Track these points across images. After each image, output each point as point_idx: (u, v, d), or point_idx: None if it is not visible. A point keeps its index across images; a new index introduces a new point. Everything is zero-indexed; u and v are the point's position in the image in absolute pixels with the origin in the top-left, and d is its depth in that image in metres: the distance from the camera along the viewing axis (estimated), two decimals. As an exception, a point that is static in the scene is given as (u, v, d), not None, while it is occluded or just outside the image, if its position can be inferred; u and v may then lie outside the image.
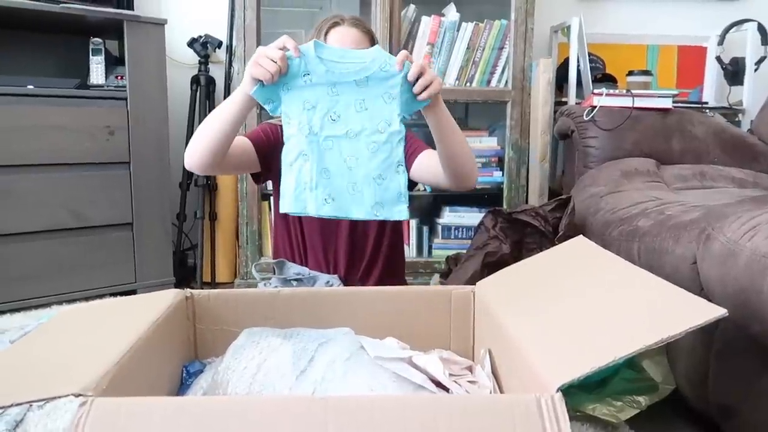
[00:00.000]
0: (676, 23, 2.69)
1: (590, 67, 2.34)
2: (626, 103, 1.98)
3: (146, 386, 0.78)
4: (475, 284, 1.03)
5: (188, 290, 0.98)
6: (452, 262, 1.82)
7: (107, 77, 2.05)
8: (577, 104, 2.24)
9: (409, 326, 1.00)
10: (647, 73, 2.33)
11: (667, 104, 2.03)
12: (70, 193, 1.97)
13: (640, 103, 1.98)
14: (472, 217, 2.26)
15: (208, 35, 2.35)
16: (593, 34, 2.49)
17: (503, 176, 2.28)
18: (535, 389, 0.63)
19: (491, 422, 0.56)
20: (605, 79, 2.40)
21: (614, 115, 1.95)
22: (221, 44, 2.39)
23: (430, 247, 2.35)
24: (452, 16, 2.18)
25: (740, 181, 1.88)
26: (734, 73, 2.48)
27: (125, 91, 2.01)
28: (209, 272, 2.33)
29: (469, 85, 2.24)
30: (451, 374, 0.86)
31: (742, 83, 2.48)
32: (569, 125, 2.03)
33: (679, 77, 2.69)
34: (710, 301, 0.73)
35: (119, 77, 2.05)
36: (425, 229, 2.35)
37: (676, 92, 2.18)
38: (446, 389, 0.82)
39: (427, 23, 2.18)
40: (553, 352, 0.70)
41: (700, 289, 1.08)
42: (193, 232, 2.38)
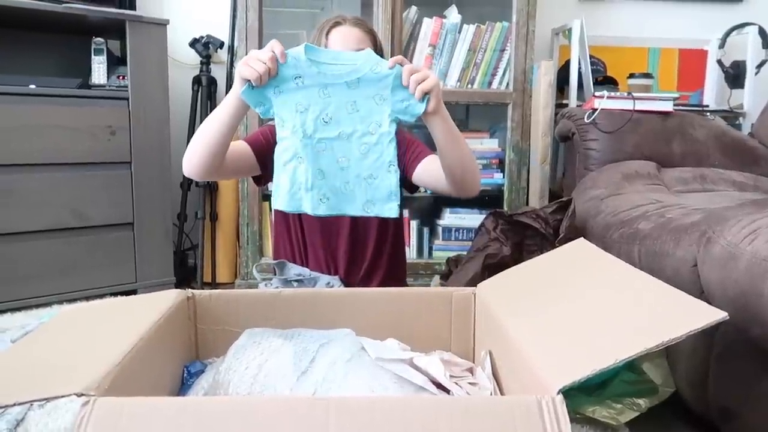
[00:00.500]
0: (677, 26, 2.70)
1: (591, 69, 2.34)
2: (627, 105, 1.98)
3: (147, 386, 0.78)
4: (475, 286, 1.03)
5: (189, 290, 0.99)
6: (453, 263, 1.82)
7: (109, 77, 2.06)
8: (578, 107, 2.23)
9: (409, 327, 1.00)
10: (648, 75, 2.33)
11: (667, 107, 2.03)
12: (71, 192, 1.97)
13: (640, 105, 1.99)
14: (472, 218, 2.26)
15: (209, 36, 2.35)
16: (594, 36, 2.49)
17: (504, 178, 2.28)
18: (535, 391, 0.63)
19: (492, 423, 0.56)
20: (606, 81, 2.41)
21: (615, 117, 1.95)
22: (223, 45, 2.39)
23: (430, 248, 2.35)
24: (454, 17, 2.18)
25: (741, 184, 1.88)
26: (735, 76, 2.48)
27: (127, 91, 2.02)
28: (210, 272, 2.33)
29: (470, 86, 2.24)
30: (451, 376, 0.86)
31: (742, 86, 2.49)
32: (570, 127, 2.03)
33: (680, 80, 2.69)
34: (710, 304, 0.73)
35: (121, 77, 2.05)
36: (426, 230, 2.35)
37: (676, 95, 2.18)
38: (447, 391, 0.82)
39: (428, 25, 2.18)
40: (553, 354, 0.70)
41: (700, 292, 1.08)
42: (193, 232, 2.38)
